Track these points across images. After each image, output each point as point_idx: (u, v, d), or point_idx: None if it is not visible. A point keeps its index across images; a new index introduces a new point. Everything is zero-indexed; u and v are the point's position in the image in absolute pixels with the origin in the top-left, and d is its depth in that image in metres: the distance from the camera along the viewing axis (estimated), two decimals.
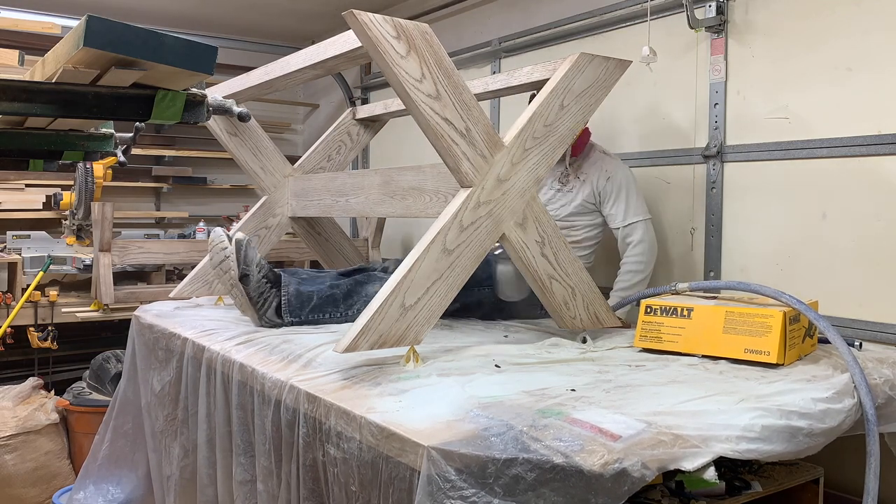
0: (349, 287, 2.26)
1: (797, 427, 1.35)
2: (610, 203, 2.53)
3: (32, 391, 3.23)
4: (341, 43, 1.93)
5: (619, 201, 2.52)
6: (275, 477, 1.68)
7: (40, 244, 3.74)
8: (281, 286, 2.20)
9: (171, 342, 2.28)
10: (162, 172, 4.70)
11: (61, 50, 1.25)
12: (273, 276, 2.20)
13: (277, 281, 2.20)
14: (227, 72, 3.11)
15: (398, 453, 1.26)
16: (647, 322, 1.87)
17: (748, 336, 1.71)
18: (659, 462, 1.15)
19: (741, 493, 1.52)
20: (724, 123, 2.48)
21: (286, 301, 2.18)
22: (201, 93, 1.41)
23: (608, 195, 2.53)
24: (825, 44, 2.22)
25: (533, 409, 1.32)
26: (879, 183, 2.10)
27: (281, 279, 2.21)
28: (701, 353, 1.77)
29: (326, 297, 2.22)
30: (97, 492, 2.52)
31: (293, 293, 2.20)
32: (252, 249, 2.17)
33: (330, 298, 2.23)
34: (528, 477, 1.12)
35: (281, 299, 2.18)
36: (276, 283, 2.19)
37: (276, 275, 2.21)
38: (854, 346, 1.80)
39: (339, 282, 2.28)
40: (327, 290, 2.24)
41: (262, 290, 2.17)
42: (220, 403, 1.97)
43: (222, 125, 2.78)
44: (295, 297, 2.19)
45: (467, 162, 1.74)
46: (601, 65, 1.95)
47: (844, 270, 2.18)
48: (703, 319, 1.79)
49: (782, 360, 1.68)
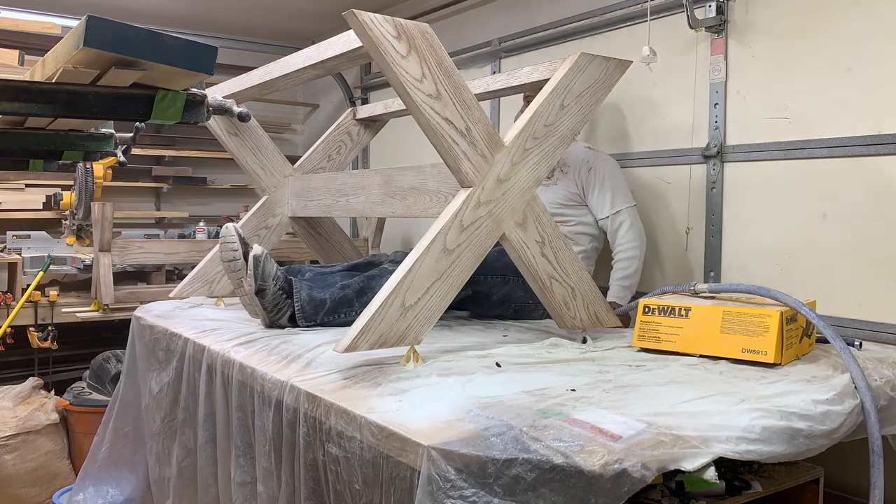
0: (361, 284, 2.24)
1: (797, 429, 1.35)
2: (594, 194, 2.55)
3: (32, 391, 3.23)
4: (341, 43, 1.93)
5: (603, 191, 2.53)
6: (275, 478, 1.68)
7: (40, 244, 3.74)
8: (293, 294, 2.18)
9: (172, 343, 2.27)
10: (162, 172, 4.69)
11: (61, 50, 1.25)
12: (287, 286, 2.19)
13: (290, 289, 2.19)
14: (227, 72, 3.11)
15: (398, 453, 1.26)
16: (645, 322, 1.87)
17: (746, 336, 1.72)
18: (659, 462, 1.15)
19: (741, 493, 1.52)
20: (724, 123, 2.48)
21: (299, 308, 2.17)
22: (201, 93, 1.42)
23: (591, 186, 2.55)
24: (825, 44, 2.22)
25: (533, 409, 1.32)
26: (879, 183, 2.10)
27: (292, 286, 2.19)
28: (699, 353, 1.77)
29: (339, 300, 2.21)
30: (97, 493, 2.52)
31: (306, 300, 2.18)
32: (269, 263, 2.17)
33: (343, 300, 2.21)
34: (527, 477, 1.12)
35: (294, 308, 2.17)
36: (289, 292, 2.18)
37: (290, 282, 2.19)
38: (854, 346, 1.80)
39: (350, 281, 2.26)
40: (339, 292, 2.22)
41: (277, 301, 2.17)
42: (220, 404, 1.97)
43: (222, 125, 2.78)
44: (308, 303, 2.18)
45: (468, 162, 1.74)
46: (601, 65, 1.95)
47: (844, 270, 2.18)
48: (700, 319, 1.80)
49: (780, 360, 1.68)
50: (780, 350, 1.68)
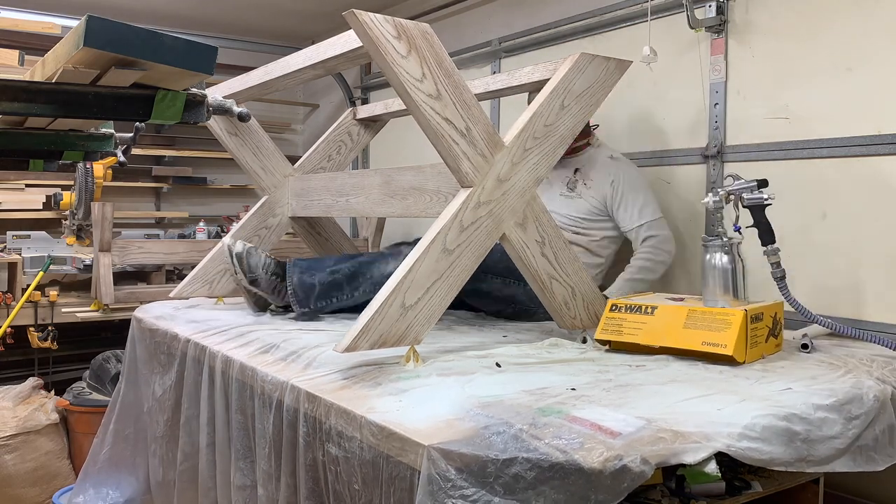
0: (352, 269, 2.31)
1: (795, 431, 1.34)
2: (618, 208, 2.51)
3: (32, 391, 3.23)
4: (341, 43, 1.93)
5: (625, 204, 2.50)
6: (274, 480, 1.68)
7: (40, 244, 3.74)
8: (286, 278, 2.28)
9: (172, 344, 2.27)
10: (162, 172, 4.69)
11: (61, 50, 1.25)
12: (280, 270, 2.29)
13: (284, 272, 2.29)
14: (227, 72, 3.11)
15: (398, 453, 1.26)
16: (610, 318, 1.88)
17: (707, 331, 1.73)
18: (659, 457, 1.15)
19: (741, 493, 1.52)
20: (724, 123, 2.48)
21: (292, 292, 2.26)
22: (201, 93, 1.42)
23: (615, 201, 2.51)
24: (825, 44, 2.23)
25: (533, 407, 1.32)
26: (879, 183, 2.10)
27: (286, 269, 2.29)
28: (660, 345, 1.78)
29: (329, 283, 2.28)
30: (97, 495, 2.52)
31: (297, 284, 2.27)
32: (254, 256, 2.28)
33: (333, 284, 2.28)
34: (527, 476, 1.12)
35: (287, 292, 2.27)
36: (282, 275, 2.29)
37: (283, 266, 2.30)
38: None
39: (340, 266, 2.33)
40: (328, 277, 2.29)
41: (273, 285, 2.29)
42: (220, 407, 1.96)
43: (222, 125, 2.78)
44: (299, 287, 2.27)
45: (467, 162, 1.74)
46: (601, 65, 1.95)
47: (844, 270, 2.18)
48: (665, 316, 1.81)
49: (742, 357, 1.69)
50: (742, 346, 1.69)
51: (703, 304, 1.84)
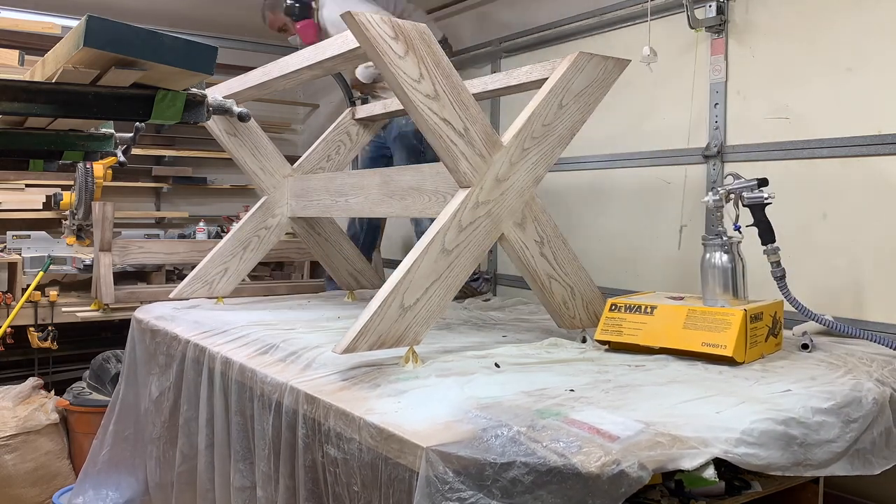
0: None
1: (792, 436, 1.34)
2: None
3: (32, 391, 3.23)
4: (340, 43, 1.93)
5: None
6: (274, 482, 1.68)
7: (40, 244, 3.74)
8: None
9: (171, 345, 2.27)
10: (162, 172, 4.69)
11: (61, 50, 1.25)
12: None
13: None
14: (227, 72, 3.10)
15: (397, 454, 1.26)
16: (609, 318, 1.88)
17: (707, 331, 1.73)
18: (656, 463, 1.15)
19: (741, 493, 1.52)
20: (724, 123, 2.48)
21: None
22: (201, 93, 1.41)
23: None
24: (825, 44, 2.22)
25: (531, 409, 1.32)
26: (879, 183, 2.09)
27: None
28: (660, 346, 1.78)
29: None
30: (96, 496, 2.52)
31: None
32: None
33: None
34: (525, 480, 1.12)
35: None
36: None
37: None
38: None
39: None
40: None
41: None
42: (219, 408, 1.96)
43: (221, 125, 2.78)
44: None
45: (466, 162, 1.74)
46: (600, 64, 1.95)
47: (844, 270, 2.18)
48: (664, 316, 1.81)
49: (742, 358, 1.69)
50: (742, 346, 1.68)
51: (703, 303, 1.84)
